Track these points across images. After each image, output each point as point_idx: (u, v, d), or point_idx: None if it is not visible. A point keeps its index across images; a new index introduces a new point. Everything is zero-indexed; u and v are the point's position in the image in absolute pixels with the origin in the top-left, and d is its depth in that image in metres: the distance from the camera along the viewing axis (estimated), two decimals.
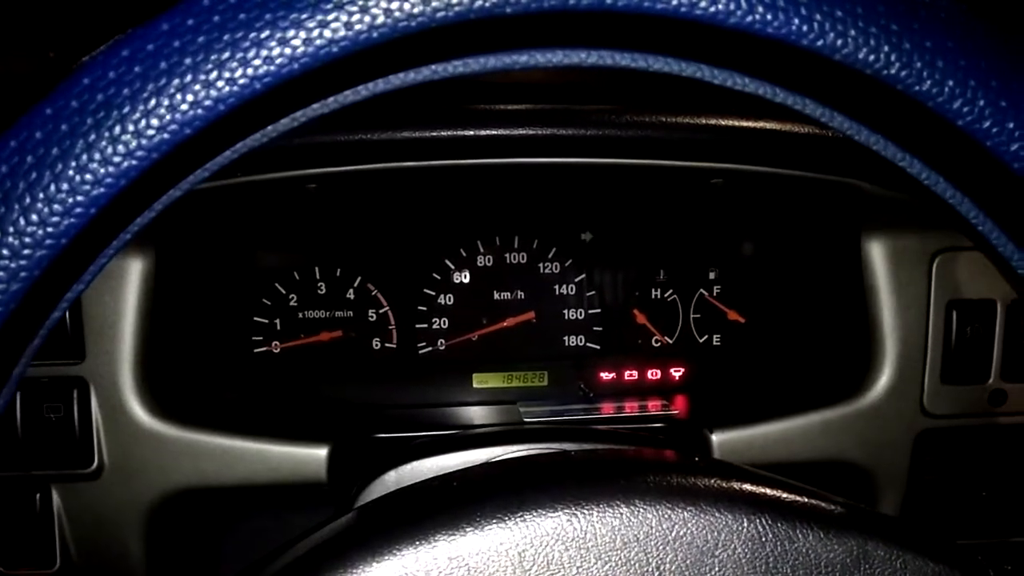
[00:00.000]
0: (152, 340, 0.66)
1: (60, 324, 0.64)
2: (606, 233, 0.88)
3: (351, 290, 0.86)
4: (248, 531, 0.82)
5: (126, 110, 0.25)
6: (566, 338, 0.89)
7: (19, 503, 0.66)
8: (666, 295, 0.89)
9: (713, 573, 0.34)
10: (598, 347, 0.89)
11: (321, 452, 0.67)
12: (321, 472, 0.67)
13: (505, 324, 0.88)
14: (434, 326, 0.88)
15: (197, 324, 0.78)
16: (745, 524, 0.34)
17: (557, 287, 0.89)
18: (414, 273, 0.87)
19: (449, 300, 0.88)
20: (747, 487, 0.36)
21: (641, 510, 0.34)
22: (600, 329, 0.89)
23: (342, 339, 0.87)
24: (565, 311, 0.89)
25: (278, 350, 0.86)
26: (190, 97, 0.25)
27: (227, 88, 0.25)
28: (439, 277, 0.87)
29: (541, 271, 0.88)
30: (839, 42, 0.27)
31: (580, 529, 0.34)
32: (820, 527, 0.35)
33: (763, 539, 0.34)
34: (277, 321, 0.85)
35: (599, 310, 0.89)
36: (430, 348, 0.88)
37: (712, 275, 0.89)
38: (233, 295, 0.83)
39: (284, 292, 0.85)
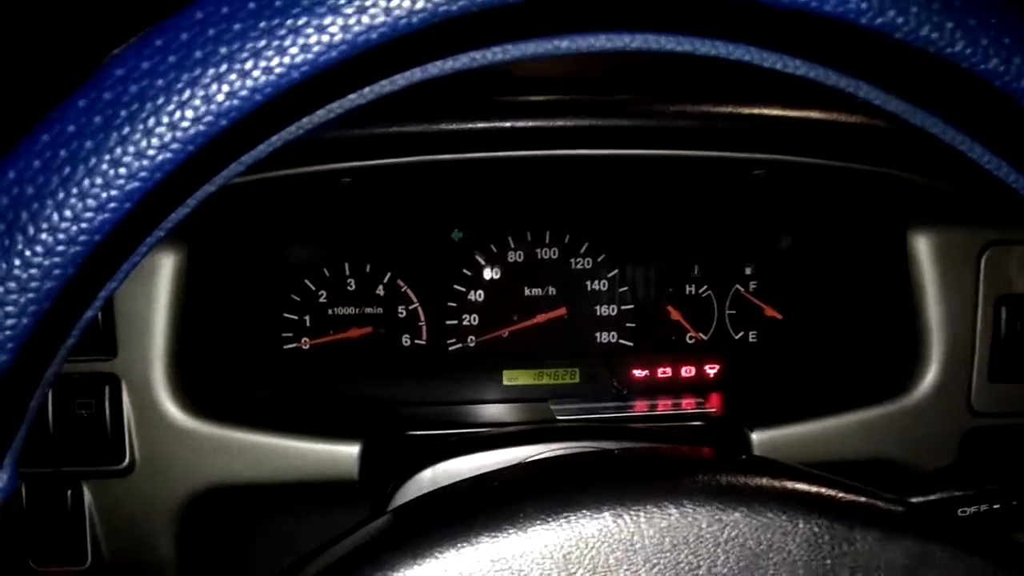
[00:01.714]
0: (184, 336, 0.66)
1: (92, 320, 0.64)
2: (639, 227, 0.87)
3: (381, 286, 0.86)
4: (277, 529, 0.82)
5: (160, 101, 0.24)
6: (598, 335, 0.88)
7: (50, 500, 0.66)
8: (700, 291, 0.88)
9: None
10: (631, 344, 0.88)
11: (353, 450, 0.67)
12: (353, 470, 0.67)
13: (536, 320, 0.87)
14: (464, 322, 0.87)
15: (228, 320, 0.78)
16: (800, 525, 0.33)
17: (589, 283, 0.87)
18: (444, 269, 0.86)
19: (479, 296, 0.87)
20: (801, 486, 0.34)
21: (691, 511, 0.33)
22: (633, 325, 0.88)
23: (371, 335, 0.86)
24: (597, 307, 0.88)
25: (307, 346, 0.86)
26: (226, 87, 0.24)
27: (264, 78, 0.24)
28: (469, 273, 0.86)
29: (573, 266, 0.87)
30: (900, 19, 0.26)
31: (627, 530, 0.33)
32: (879, 528, 0.33)
33: (820, 541, 0.33)
34: (307, 318, 0.85)
35: (632, 306, 0.88)
36: (460, 345, 0.87)
37: (748, 270, 0.88)
38: (263, 291, 0.83)
39: (314, 288, 0.85)
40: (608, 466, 0.38)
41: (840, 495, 0.35)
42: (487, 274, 0.87)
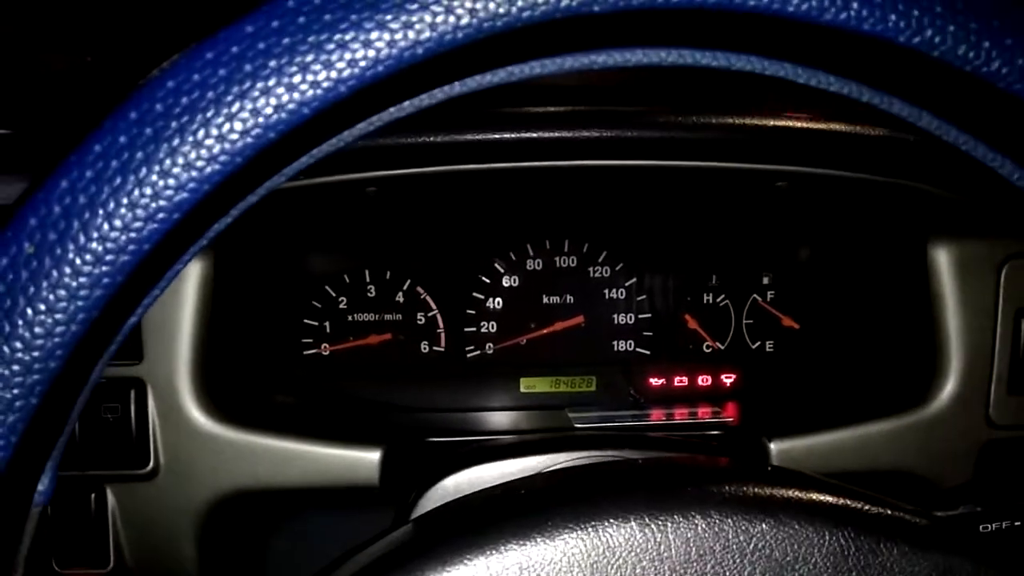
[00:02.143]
0: (209, 342, 0.66)
1: (134, 327, 0.64)
2: (658, 236, 0.87)
3: (400, 293, 0.86)
4: (298, 533, 0.82)
5: (210, 114, 0.25)
6: (615, 343, 0.88)
7: (75, 503, 0.67)
8: (718, 300, 0.88)
9: None
10: (648, 352, 0.88)
11: (374, 455, 0.67)
12: (374, 475, 0.67)
13: (554, 328, 0.88)
14: (482, 330, 0.87)
15: (251, 326, 0.79)
16: (827, 537, 0.33)
17: (607, 291, 0.88)
18: (463, 276, 0.86)
19: (498, 304, 0.87)
20: (828, 498, 0.35)
21: (718, 521, 0.33)
22: (650, 334, 0.88)
23: (391, 342, 0.87)
24: (615, 315, 0.88)
25: (327, 352, 0.86)
26: (274, 101, 0.25)
27: (311, 91, 0.25)
28: (488, 280, 0.87)
29: (591, 275, 0.87)
30: (937, 38, 0.26)
31: (654, 540, 0.33)
32: (905, 541, 0.34)
33: (846, 553, 0.33)
34: (327, 324, 0.86)
35: (649, 315, 0.88)
36: (478, 352, 0.88)
37: (766, 280, 0.88)
38: (285, 298, 0.84)
39: (334, 295, 0.86)
40: (635, 475, 0.38)
41: (866, 507, 0.35)
42: (506, 282, 0.87)
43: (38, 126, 0.66)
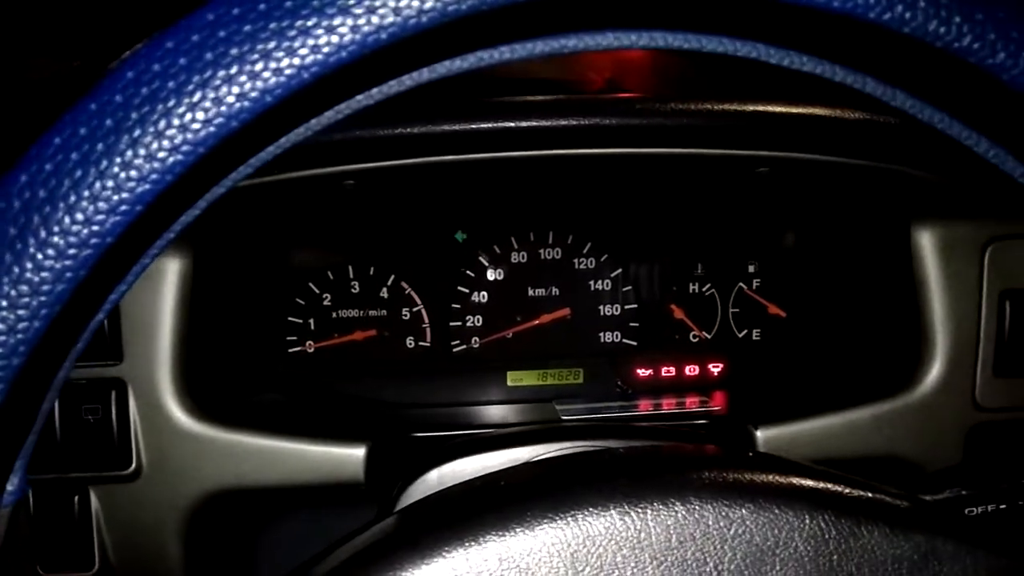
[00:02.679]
0: (190, 341, 0.66)
1: (100, 323, 0.64)
2: (642, 227, 0.87)
3: (385, 289, 0.86)
4: (284, 531, 0.82)
5: (171, 103, 0.24)
6: (602, 334, 0.88)
7: (57, 506, 0.66)
8: (704, 289, 0.88)
9: (774, 572, 0.33)
10: (635, 343, 0.88)
11: (359, 452, 0.67)
12: (359, 472, 0.67)
13: (540, 321, 0.87)
14: (468, 324, 0.87)
15: (233, 324, 0.78)
16: (807, 521, 0.33)
17: (592, 283, 0.87)
18: (448, 271, 0.86)
19: (483, 297, 0.87)
20: (807, 482, 0.35)
21: (697, 508, 0.33)
22: (636, 325, 0.88)
23: (376, 338, 0.86)
24: (601, 307, 0.88)
25: (312, 350, 0.86)
26: (236, 89, 0.24)
27: (274, 79, 0.24)
28: (473, 274, 0.86)
29: (576, 267, 0.87)
30: (907, 14, 0.26)
31: (634, 528, 0.33)
32: (886, 523, 0.34)
33: (826, 536, 0.33)
34: (311, 321, 0.85)
35: (635, 305, 0.88)
36: (464, 346, 0.87)
37: (752, 268, 0.88)
38: (268, 295, 0.83)
39: (318, 292, 0.85)
40: (615, 464, 0.38)
41: (846, 490, 0.35)
42: (491, 275, 0.87)
43: (23, 131, 0.65)
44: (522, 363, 0.87)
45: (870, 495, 0.35)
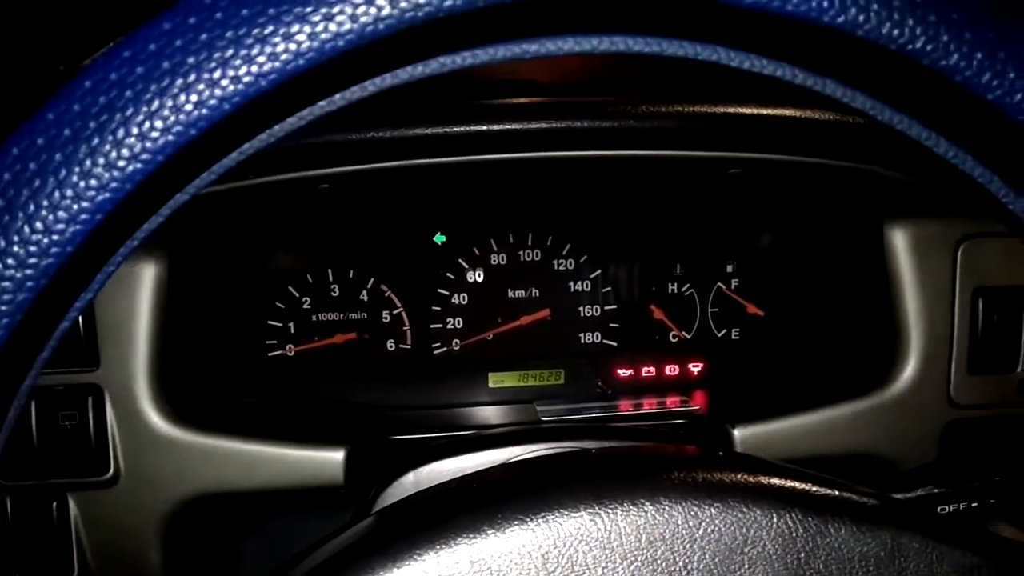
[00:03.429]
0: (167, 346, 0.66)
1: (74, 331, 0.64)
2: (621, 228, 0.87)
3: (364, 292, 0.86)
4: (264, 535, 0.81)
5: (129, 112, 0.24)
6: (582, 335, 0.88)
7: (36, 512, 0.66)
8: (683, 289, 0.88)
9: (743, 571, 0.33)
10: (615, 344, 0.88)
11: (338, 455, 0.67)
12: (338, 475, 0.67)
13: (520, 322, 0.87)
14: (448, 326, 0.87)
15: (211, 329, 0.78)
16: (775, 519, 0.33)
17: (572, 284, 0.88)
18: (427, 273, 0.86)
19: (463, 299, 0.87)
20: (775, 481, 0.35)
21: (666, 507, 0.33)
22: (616, 325, 0.88)
23: (356, 341, 0.86)
24: (581, 308, 0.88)
25: (292, 353, 0.85)
26: (194, 97, 0.24)
27: (232, 87, 0.24)
28: (453, 277, 0.86)
29: (556, 268, 0.87)
30: (861, 17, 0.26)
31: (604, 528, 0.33)
32: (853, 520, 0.34)
33: (794, 534, 0.33)
34: (291, 324, 0.85)
35: (615, 306, 0.88)
36: (445, 348, 0.87)
37: (730, 268, 0.88)
38: (246, 299, 0.83)
39: (297, 295, 0.85)
40: (586, 465, 0.38)
41: (813, 488, 0.35)
42: (470, 277, 0.87)
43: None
44: (503, 364, 0.87)
45: (837, 493, 0.35)
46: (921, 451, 0.70)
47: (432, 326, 0.87)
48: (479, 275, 0.87)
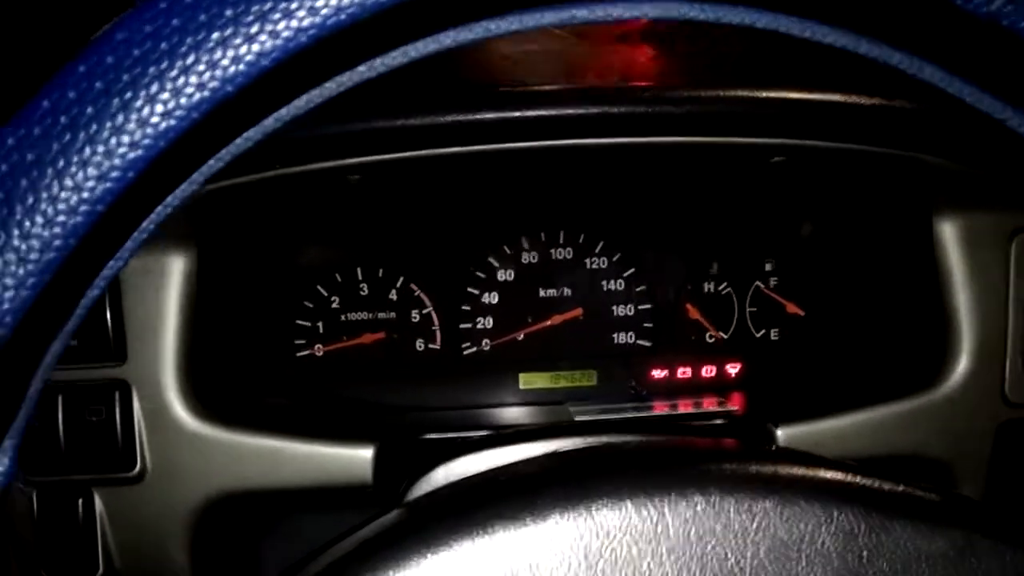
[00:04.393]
0: (195, 341, 0.65)
1: (101, 325, 0.63)
2: (655, 224, 0.85)
3: (394, 291, 0.84)
4: (291, 534, 0.80)
5: (164, 66, 0.23)
6: (615, 335, 0.86)
7: (62, 509, 0.65)
8: (720, 288, 0.86)
9: (800, 568, 0.31)
10: (649, 344, 0.86)
11: (367, 453, 0.65)
12: (367, 473, 0.65)
13: (551, 322, 0.86)
14: (478, 326, 0.86)
15: (239, 326, 0.77)
16: (835, 515, 0.32)
17: (605, 282, 0.86)
18: (457, 272, 0.85)
19: (493, 299, 0.85)
20: (834, 476, 0.33)
21: (718, 500, 0.32)
22: (651, 325, 0.86)
23: (385, 341, 0.85)
24: (613, 307, 0.86)
25: (321, 353, 0.84)
26: (231, 53, 0.23)
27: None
28: (483, 275, 0.85)
29: (588, 266, 0.86)
30: None
31: (650, 521, 0.32)
32: (919, 518, 0.32)
33: (855, 531, 0.32)
34: (320, 324, 0.84)
35: (649, 305, 0.86)
36: (475, 348, 0.86)
37: (768, 266, 0.86)
38: (275, 297, 0.82)
39: (326, 294, 0.84)
40: (630, 456, 0.36)
41: (876, 484, 0.33)
42: (501, 276, 0.85)
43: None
44: (534, 365, 0.86)
45: (901, 489, 0.33)
46: (974, 451, 0.68)
47: (462, 326, 0.85)
48: (510, 274, 0.85)
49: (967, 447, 0.68)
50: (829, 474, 0.34)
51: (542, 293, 0.86)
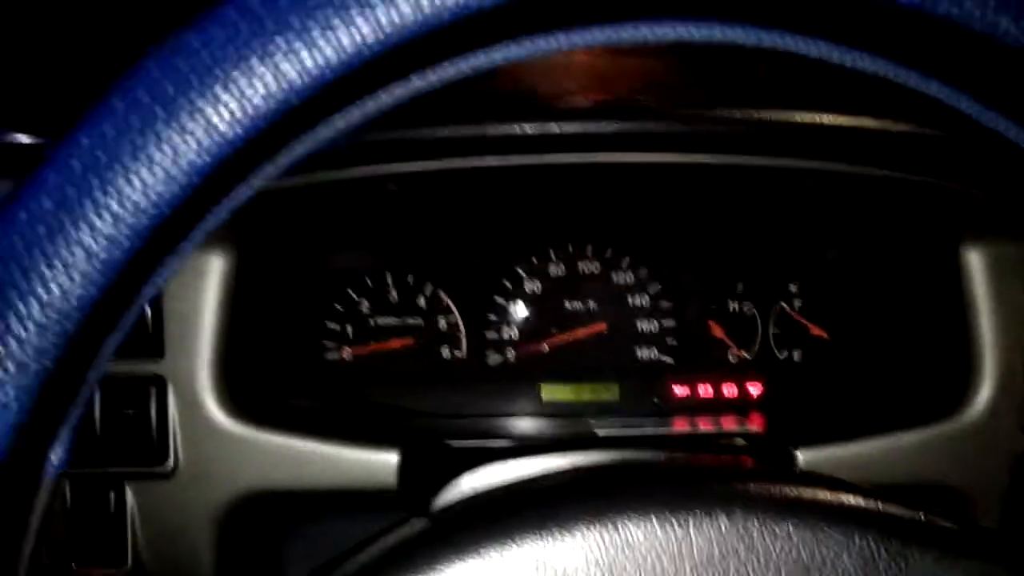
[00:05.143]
0: (230, 340, 0.66)
1: (141, 321, 0.65)
2: (682, 242, 0.86)
3: (422, 297, 0.86)
4: (315, 537, 0.81)
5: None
6: (639, 350, 0.87)
7: (94, 500, 0.66)
8: (744, 308, 0.86)
9: None
10: (672, 361, 0.87)
11: (392, 458, 0.66)
12: (391, 478, 0.66)
13: (575, 335, 0.86)
14: (504, 336, 0.86)
15: (272, 326, 0.78)
16: (856, 540, 0.32)
17: (630, 297, 0.87)
18: (485, 281, 0.86)
19: (519, 309, 0.86)
20: (857, 501, 0.33)
21: (742, 520, 0.32)
22: (674, 342, 0.87)
23: (412, 347, 0.86)
24: (638, 322, 0.87)
25: (349, 357, 0.86)
26: (260, 87, 0.24)
27: (296, 78, 0.24)
28: (510, 285, 0.86)
29: (614, 280, 0.86)
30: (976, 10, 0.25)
31: (675, 538, 0.32)
32: (939, 547, 0.32)
33: (875, 557, 0.32)
34: (348, 327, 0.85)
35: (673, 322, 0.87)
36: (499, 358, 0.87)
37: (793, 288, 0.86)
38: (307, 298, 0.84)
39: (356, 298, 0.85)
40: (657, 472, 0.37)
41: (898, 512, 0.34)
42: (528, 287, 0.86)
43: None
44: (557, 377, 0.86)
45: (922, 518, 0.34)
46: (993, 481, 0.67)
47: (487, 335, 0.86)
48: (537, 285, 0.86)
49: (986, 476, 0.68)
50: (852, 499, 0.34)
51: (568, 305, 0.86)
